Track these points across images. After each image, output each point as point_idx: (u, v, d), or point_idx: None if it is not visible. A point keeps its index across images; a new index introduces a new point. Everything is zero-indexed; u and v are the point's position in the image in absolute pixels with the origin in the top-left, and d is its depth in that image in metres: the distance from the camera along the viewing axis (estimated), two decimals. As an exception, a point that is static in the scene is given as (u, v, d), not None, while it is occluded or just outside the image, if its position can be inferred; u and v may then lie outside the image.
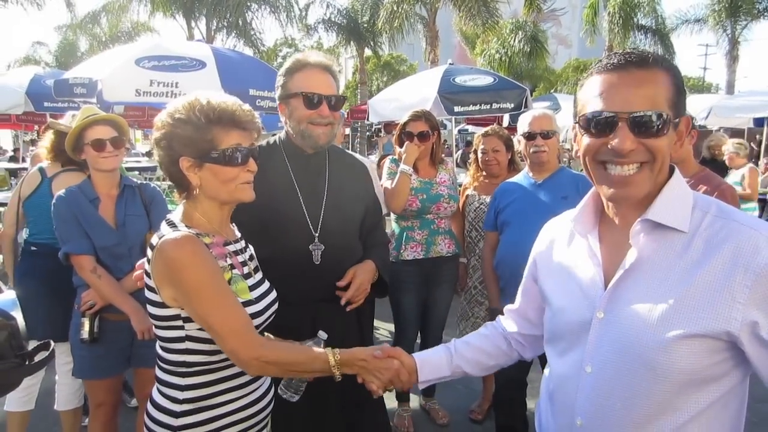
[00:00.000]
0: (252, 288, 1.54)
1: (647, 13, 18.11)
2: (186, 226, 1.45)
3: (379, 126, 12.63)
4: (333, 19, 22.01)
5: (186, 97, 1.44)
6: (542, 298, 1.37)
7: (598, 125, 1.07)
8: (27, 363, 0.61)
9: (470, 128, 15.13)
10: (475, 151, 3.52)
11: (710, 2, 18.81)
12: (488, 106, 6.79)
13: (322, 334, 1.64)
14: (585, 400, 1.15)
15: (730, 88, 18.80)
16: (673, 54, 18.67)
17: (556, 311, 1.27)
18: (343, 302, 2.02)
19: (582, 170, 1.21)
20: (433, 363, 1.52)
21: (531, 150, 2.79)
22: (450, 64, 7.70)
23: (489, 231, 3.07)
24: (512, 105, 6.86)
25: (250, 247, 1.70)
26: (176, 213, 1.51)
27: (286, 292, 1.74)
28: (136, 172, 8.68)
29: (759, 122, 10.09)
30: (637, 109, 1.03)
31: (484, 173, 3.49)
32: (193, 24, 20.88)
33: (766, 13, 18.44)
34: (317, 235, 2.02)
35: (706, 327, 1.00)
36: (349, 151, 2.91)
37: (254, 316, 1.48)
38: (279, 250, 1.94)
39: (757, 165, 10.62)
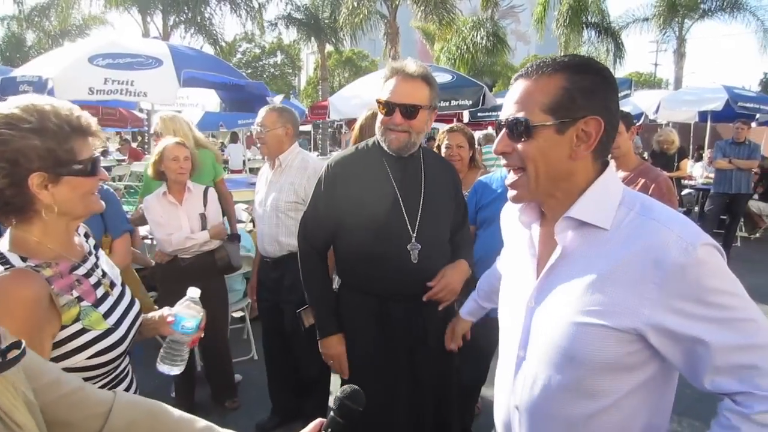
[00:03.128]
0: (109, 313, 1.37)
1: (594, 12, 18.61)
2: (21, 257, 1.24)
3: (341, 122, 12.62)
4: (293, 15, 21.80)
5: (19, 104, 1.22)
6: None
7: (497, 131, 1.18)
8: (1, 360, 0.63)
9: (432, 124, 15.28)
10: (438, 147, 3.57)
11: (654, 2, 19.56)
12: (447, 103, 6.91)
13: (195, 291, 1.51)
14: (520, 385, 1.21)
15: (678, 84, 19.59)
16: (623, 51, 19.24)
17: (502, 296, 1.35)
18: (425, 299, 2.07)
19: None
20: (477, 311, 1.96)
21: None
22: (410, 61, 7.80)
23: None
24: (470, 102, 7.02)
25: (102, 257, 1.52)
26: (2, 243, 1.28)
27: (385, 290, 1.93)
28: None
29: (703, 117, 10.56)
30: (508, 114, 1.13)
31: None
32: (148, 19, 20.32)
33: (710, 13, 19.30)
34: (414, 235, 2.07)
35: (617, 322, 1.04)
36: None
37: (117, 344, 1.35)
38: (380, 249, 2.04)
39: (701, 158, 11.20)
